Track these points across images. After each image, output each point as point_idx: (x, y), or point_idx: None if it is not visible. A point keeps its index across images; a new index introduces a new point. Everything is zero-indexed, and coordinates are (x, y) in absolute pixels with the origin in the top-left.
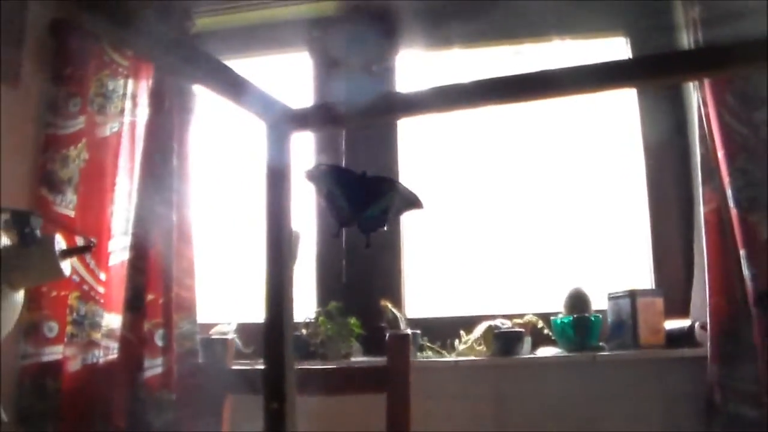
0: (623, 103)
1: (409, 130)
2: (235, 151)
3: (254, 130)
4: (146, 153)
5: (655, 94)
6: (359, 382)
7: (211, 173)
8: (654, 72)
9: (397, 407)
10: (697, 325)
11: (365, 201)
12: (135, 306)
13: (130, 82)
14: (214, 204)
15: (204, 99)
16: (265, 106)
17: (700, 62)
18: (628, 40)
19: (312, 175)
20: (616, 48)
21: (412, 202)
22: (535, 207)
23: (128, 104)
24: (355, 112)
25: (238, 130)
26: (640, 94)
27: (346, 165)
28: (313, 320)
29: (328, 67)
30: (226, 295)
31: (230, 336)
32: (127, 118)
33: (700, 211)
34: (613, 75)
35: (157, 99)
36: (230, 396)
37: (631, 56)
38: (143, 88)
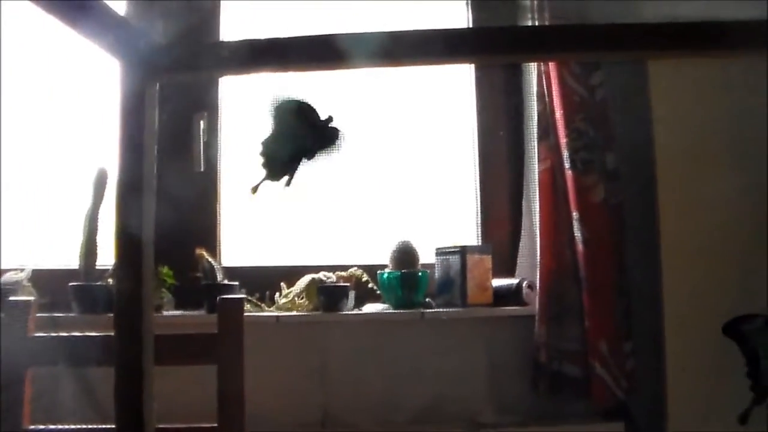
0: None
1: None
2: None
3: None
4: None
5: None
6: (186, 351)
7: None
8: (495, 48)
9: (229, 380)
10: (524, 284)
11: (310, 151)
12: None
13: None
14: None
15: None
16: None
17: (548, 42)
18: (468, 3)
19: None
20: (456, 9)
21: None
22: (364, 156)
23: None
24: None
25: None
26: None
27: None
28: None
29: None
30: (16, 237)
31: (25, 282)
32: None
33: (532, 169)
34: (448, 47)
35: None
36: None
37: (470, 20)
38: None
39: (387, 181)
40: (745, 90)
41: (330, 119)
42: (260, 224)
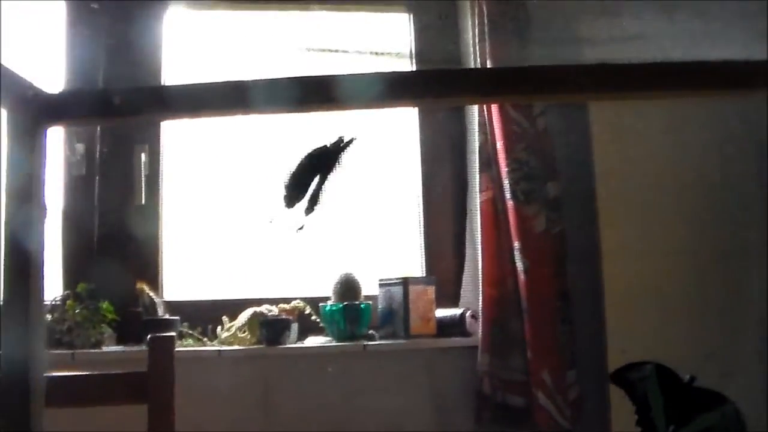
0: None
1: None
2: None
3: None
4: None
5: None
6: (115, 391)
7: None
8: (437, 92)
9: (159, 420)
10: (468, 314)
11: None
12: None
13: None
14: None
15: None
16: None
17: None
18: (411, 16)
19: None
20: (399, 23)
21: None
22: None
23: None
24: (139, 105)
25: None
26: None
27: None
28: (59, 303)
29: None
30: None
31: None
32: None
33: (475, 199)
34: (391, 90)
35: None
36: None
37: (412, 37)
38: None
39: (331, 213)
40: (685, 119)
41: (341, 140)
42: (203, 257)
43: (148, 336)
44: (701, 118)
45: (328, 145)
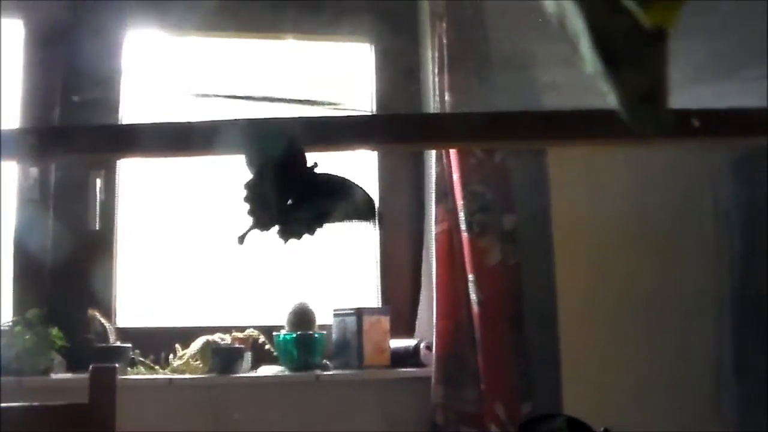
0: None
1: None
2: None
3: None
4: None
5: (390, 106)
6: (54, 422)
7: None
8: (395, 136)
9: None
10: (422, 345)
11: (301, 198)
12: None
13: None
14: None
15: None
16: None
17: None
18: (373, 47)
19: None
20: (361, 54)
21: (363, 213)
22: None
23: None
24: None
25: None
26: (378, 103)
27: None
28: (7, 329)
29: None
30: None
31: None
32: None
33: (431, 230)
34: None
35: None
36: None
37: (374, 67)
38: None
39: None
40: (643, 154)
41: (315, 166)
42: (158, 284)
43: (90, 366)
44: (660, 152)
45: (304, 170)
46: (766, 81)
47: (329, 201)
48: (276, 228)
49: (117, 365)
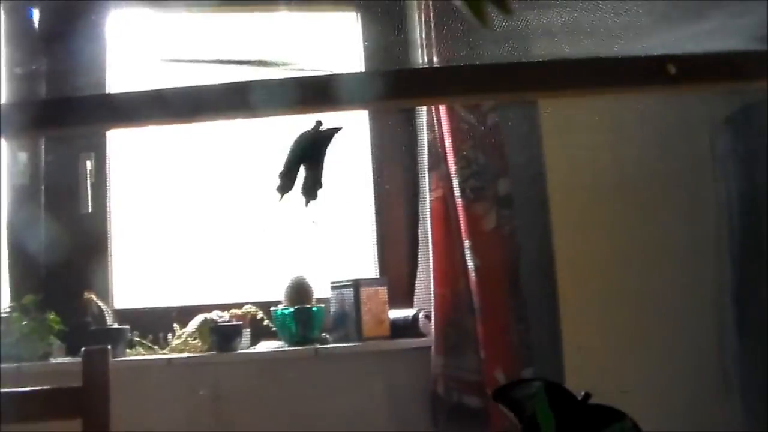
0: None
1: None
2: None
3: None
4: None
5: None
6: (47, 407)
7: None
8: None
9: None
10: (421, 315)
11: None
12: None
13: None
14: None
15: None
16: None
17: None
18: (359, 15)
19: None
20: (347, 23)
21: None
22: (256, 191)
23: None
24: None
25: None
26: (367, 70)
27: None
28: (5, 316)
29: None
30: None
31: None
32: None
33: (426, 198)
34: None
35: None
36: None
37: (361, 35)
38: None
39: (284, 216)
40: (635, 114)
41: (319, 123)
42: (154, 265)
43: (82, 349)
44: (651, 111)
45: (313, 131)
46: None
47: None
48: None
49: (109, 347)
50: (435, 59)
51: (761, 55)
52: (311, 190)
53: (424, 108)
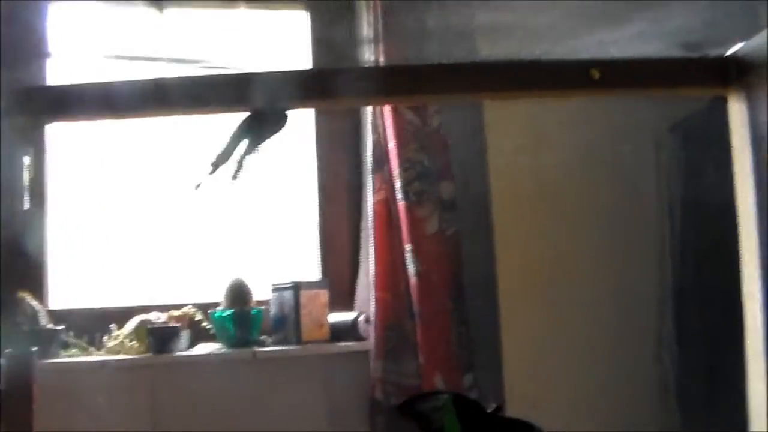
0: None
1: None
2: None
3: None
4: None
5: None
6: None
7: None
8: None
9: None
10: (361, 318)
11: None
12: None
13: None
14: None
15: None
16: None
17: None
18: (309, 14)
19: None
20: (297, 21)
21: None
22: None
23: None
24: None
25: None
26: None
27: None
28: None
29: None
30: None
31: None
32: None
33: (369, 201)
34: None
35: None
36: None
37: (310, 32)
38: None
39: (226, 217)
40: (578, 117)
41: (270, 104)
42: (92, 264)
43: (2, 353)
44: (597, 116)
45: (260, 114)
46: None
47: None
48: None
49: (35, 349)
50: (381, 61)
51: (684, 62)
52: (219, 163)
53: (369, 109)
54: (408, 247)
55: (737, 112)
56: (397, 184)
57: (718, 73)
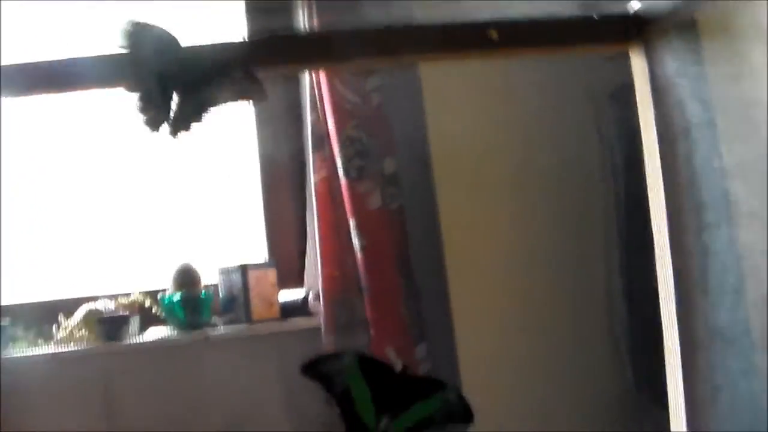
0: None
1: None
2: None
3: None
4: None
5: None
6: None
7: None
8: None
9: None
10: (310, 295)
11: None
12: None
13: None
14: None
15: None
16: None
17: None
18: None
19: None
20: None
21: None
22: (140, 177)
23: None
24: None
25: None
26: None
27: None
28: None
29: None
30: None
31: None
32: None
33: (311, 180)
34: None
35: None
36: None
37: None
38: None
39: (170, 203)
40: (516, 87)
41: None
42: (36, 256)
43: None
44: (535, 82)
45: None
46: None
47: (212, 86)
48: (166, 126)
49: None
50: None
51: (585, 21)
52: (186, 120)
53: (307, 87)
54: (352, 223)
55: (639, 67)
56: (338, 162)
57: (618, 30)
